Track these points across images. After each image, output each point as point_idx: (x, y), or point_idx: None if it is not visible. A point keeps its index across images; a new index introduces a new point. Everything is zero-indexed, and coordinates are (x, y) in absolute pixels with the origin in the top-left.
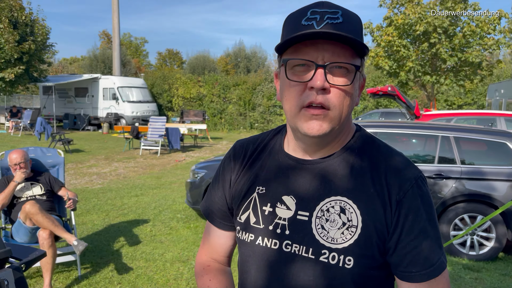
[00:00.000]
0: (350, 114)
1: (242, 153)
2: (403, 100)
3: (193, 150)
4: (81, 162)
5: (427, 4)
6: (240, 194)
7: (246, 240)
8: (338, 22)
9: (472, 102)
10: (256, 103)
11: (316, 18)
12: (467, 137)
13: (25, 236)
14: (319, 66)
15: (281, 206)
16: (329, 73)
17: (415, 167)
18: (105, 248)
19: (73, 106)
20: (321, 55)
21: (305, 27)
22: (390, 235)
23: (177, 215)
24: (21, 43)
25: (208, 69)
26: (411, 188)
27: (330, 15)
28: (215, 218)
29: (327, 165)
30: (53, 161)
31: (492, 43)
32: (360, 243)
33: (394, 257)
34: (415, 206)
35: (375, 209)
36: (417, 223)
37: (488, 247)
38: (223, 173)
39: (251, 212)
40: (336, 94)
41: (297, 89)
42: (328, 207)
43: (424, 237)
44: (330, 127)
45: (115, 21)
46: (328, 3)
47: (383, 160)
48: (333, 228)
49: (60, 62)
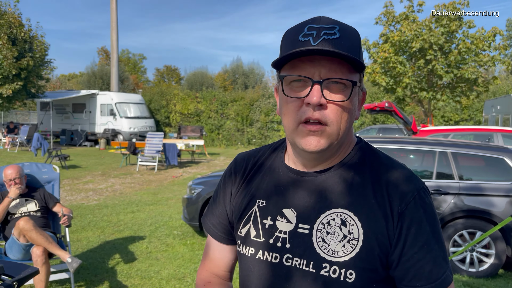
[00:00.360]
0: (350, 128)
1: (243, 167)
2: (400, 116)
3: (190, 166)
4: (77, 178)
5: (422, 21)
6: (241, 207)
7: (247, 254)
8: (335, 37)
9: (469, 118)
10: (254, 119)
11: (313, 34)
12: (464, 153)
13: (18, 253)
14: (315, 82)
15: (282, 219)
16: (326, 89)
17: (417, 178)
18: (100, 265)
19: (71, 122)
20: (318, 71)
21: (302, 43)
22: (393, 248)
23: (174, 231)
24: (19, 59)
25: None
26: (413, 199)
27: (327, 30)
28: (216, 232)
29: (328, 178)
30: (49, 177)
31: (487, 59)
32: (361, 256)
33: (398, 271)
34: (417, 218)
35: (376, 221)
36: (421, 235)
37: (488, 264)
38: (224, 187)
39: (251, 225)
40: (333, 109)
41: (295, 105)
42: (328, 220)
43: (428, 249)
44: (328, 142)
45: (114, 37)
46: (326, 18)
47: (384, 171)
48: (334, 241)
49: (58, 78)
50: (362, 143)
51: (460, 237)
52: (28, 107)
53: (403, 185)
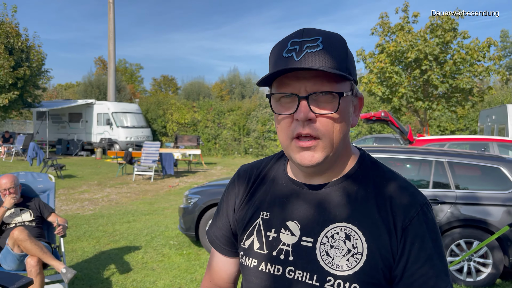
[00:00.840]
0: (346, 138)
1: (246, 178)
2: (396, 126)
3: (187, 175)
4: (73, 188)
5: (417, 32)
6: (245, 219)
7: (249, 266)
8: (318, 50)
9: (464, 128)
10: (251, 128)
11: (296, 48)
12: (461, 162)
13: (12, 263)
14: (301, 98)
15: (285, 232)
16: (314, 103)
17: (420, 194)
18: (95, 276)
19: (67, 132)
20: (304, 86)
21: (286, 59)
22: (396, 263)
23: (170, 241)
24: (16, 69)
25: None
26: (416, 215)
27: (310, 43)
28: (220, 245)
29: (332, 191)
30: (44, 186)
31: (482, 69)
32: (365, 270)
33: (401, 286)
34: (421, 234)
35: (380, 236)
36: (423, 251)
37: (486, 274)
38: (227, 199)
39: (255, 237)
40: (323, 122)
41: (286, 122)
42: (333, 234)
43: (430, 265)
44: (323, 156)
45: (111, 47)
46: (309, 31)
47: (388, 186)
48: (338, 254)
49: (55, 88)
50: (365, 156)
51: (457, 246)
52: (24, 116)
53: (407, 201)
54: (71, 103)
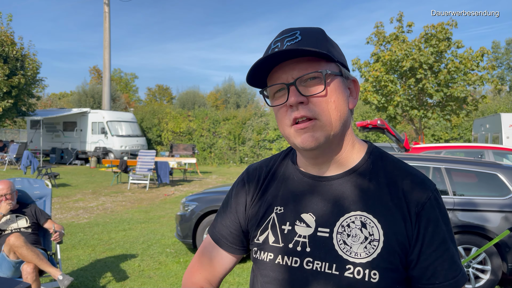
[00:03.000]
0: (345, 119)
1: (256, 176)
2: (393, 133)
3: (182, 184)
4: (67, 197)
5: (412, 41)
6: (258, 215)
7: (265, 260)
8: (297, 41)
9: (459, 137)
10: (246, 137)
11: (278, 45)
12: (458, 169)
13: (8, 270)
14: (289, 84)
15: (301, 224)
16: (303, 86)
17: (430, 180)
18: (91, 284)
19: (61, 140)
20: (290, 75)
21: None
22: (412, 248)
23: (166, 249)
24: (10, 77)
25: (198, 104)
26: (428, 200)
27: (289, 38)
28: (225, 243)
29: (344, 182)
30: (40, 193)
31: (475, 78)
32: (383, 257)
33: (417, 270)
34: (434, 218)
35: (395, 222)
36: (437, 234)
37: (484, 280)
38: (236, 197)
39: (270, 232)
40: (316, 102)
41: (282, 112)
42: (348, 223)
43: (445, 248)
44: (324, 135)
45: (106, 56)
46: (288, 29)
47: (399, 174)
48: (356, 242)
49: (49, 97)
50: (373, 147)
51: None
52: (18, 125)
53: (418, 187)
54: (65, 111)
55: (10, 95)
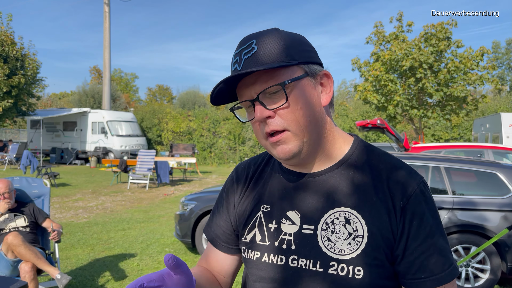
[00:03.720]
0: (318, 121)
1: (244, 174)
2: (392, 133)
3: (182, 184)
4: (67, 196)
5: (412, 41)
6: (245, 214)
7: (252, 258)
8: (253, 53)
9: (459, 136)
10: (246, 137)
11: (237, 60)
12: (457, 168)
13: (5, 269)
14: (252, 101)
15: (286, 222)
16: (268, 100)
17: (416, 173)
18: (90, 283)
19: (61, 140)
20: (253, 90)
21: (233, 72)
22: (397, 243)
23: (166, 249)
24: (10, 77)
25: (198, 104)
26: (413, 193)
27: (245, 49)
28: (220, 243)
29: (328, 177)
30: (38, 192)
31: (475, 78)
32: (367, 252)
33: (402, 265)
34: (419, 211)
35: (380, 217)
36: (423, 228)
37: (484, 279)
38: (227, 196)
39: (257, 230)
40: (282, 114)
41: (255, 126)
42: (332, 219)
43: (431, 242)
44: (297, 144)
45: (106, 56)
46: (245, 39)
47: (384, 168)
48: (340, 239)
49: (49, 97)
50: (359, 141)
51: (455, 252)
52: (18, 125)
53: (404, 180)
54: (65, 111)
55: (10, 95)
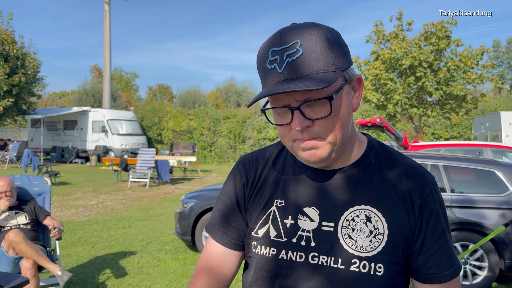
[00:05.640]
0: (349, 129)
1: (253, 168)
2: (392, 132)
3: (182, 182)
4: (67, 195)
5: (412, 39)
6: (257, 208)
7: (267, 255)
8: (298, 56)
9: (458, 135)
10: (246, 136)
11: (277, 59)
12: (456, 166)
13: (7, 266)
14: (293, 109)
15: (304, 218)
16: (308, 108)
17: (429, 173)
18: (90, 280)
19: (61, 139)
20: (293, 97)
21: (270, 71)
22: (415, 240)
23: (166, 246)
24: (11, 76)
25: (199, 103)
26: (430, 193)
27: (289, 51)
28: (226, 239)
29: (346, 176)
30: (39, 190)
31: (475, 77)
32: (388, 250)
33: (418, 261)
34: (435, 210)
35: (399, 216)
36: (438, 226)
37: (481, 277)
38: (235, 190)
39: (270, 225)
40: (322, 124)
41: (285, 129)
42: (353, 217)
43: (444, 240)
44: (328, 151)
45: (107, 55)
46: (286, 35)
47: (400, 167)
48: (361, 236)
49: (50, 96)
50: (375, 142)
51: None
52: (18, 124)
53: (420, 180)
54: (66, 110)
55: (11, 94)
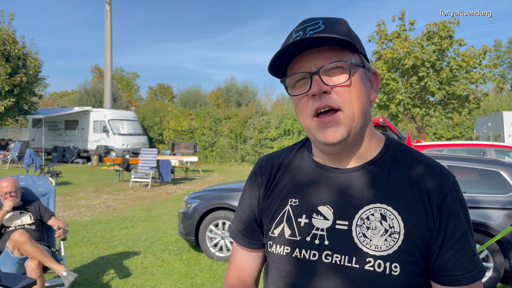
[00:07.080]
0: (367, 112)
1: (268, 168)
2: (395, 131)
3: (184, 182)
4: (69, 195)
5: (414, 39)
6: (272, 208)
7: (282, 254)
8: (320, 30)
9: (460, 135)
10: (248, 136)
11: (300, 34)
12: (460, 166)
13: (12, 267)
14: (312, 73)
15: (318, 217)
16: (326, 76)
17: (449, 172)
18: (94, 281)
19: (63, 139)
20: (313, 63)
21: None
22: (434, 240)
23: (169, 247)
24: (12, 76)
25: (200, 103)
26: (449, 192)
27: (312, 26)
28: (242, 238)
29: (362, 174)
30: (44, 190)
31: (478, 77)
32: (404, 249)
33: (438, 262)
34: (455, 210)
35: (416, 214)
36: (458, 226)
37: (486, 277)
38: (249, 191)
39: (285, 224)
40: (340, 92)
41: (303, 102)
42: (368, 215)
43: (466, 241)
44: (346, 128)
45: (108, 55)
46: (310, 18)
47: (418, 165)
48: (376, 235)
49: (51, 96)
50: (391, 139)
51: None
52: (19, 124)
53: (439, 179)
54: (67, 110)
55: (12, 94)
